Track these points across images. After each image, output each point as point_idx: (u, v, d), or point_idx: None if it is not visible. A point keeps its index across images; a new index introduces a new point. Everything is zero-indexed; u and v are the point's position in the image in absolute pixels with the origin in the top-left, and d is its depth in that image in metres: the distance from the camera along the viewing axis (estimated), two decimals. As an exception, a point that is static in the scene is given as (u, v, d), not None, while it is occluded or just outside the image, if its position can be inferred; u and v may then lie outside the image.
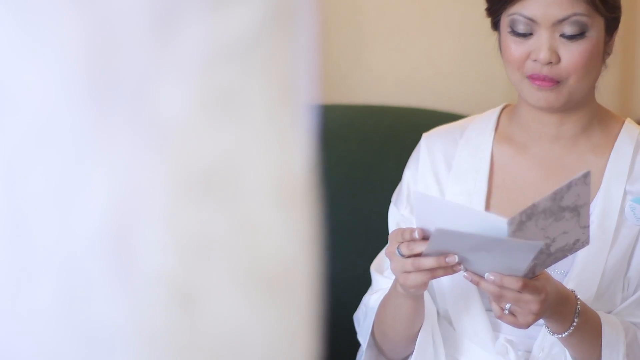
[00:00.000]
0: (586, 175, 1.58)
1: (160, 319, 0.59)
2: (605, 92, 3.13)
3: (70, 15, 0.59)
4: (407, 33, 3.01)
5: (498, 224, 1.54)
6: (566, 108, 1.86)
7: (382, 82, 3.04)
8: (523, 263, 1.58)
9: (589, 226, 1.63)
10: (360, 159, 2.68)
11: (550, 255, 1.63)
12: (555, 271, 1.82)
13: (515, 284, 1.62)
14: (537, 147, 1.92)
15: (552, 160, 1.88)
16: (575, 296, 1.74)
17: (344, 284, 2.59)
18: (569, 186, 1.57)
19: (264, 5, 0.59)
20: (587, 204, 1.61)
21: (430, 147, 1.97)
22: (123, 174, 0.59)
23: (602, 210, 1.85)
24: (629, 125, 1.94)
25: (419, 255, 1.64)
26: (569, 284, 1.81)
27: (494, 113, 2.00)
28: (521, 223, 1.54)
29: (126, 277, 0.59)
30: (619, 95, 3.18)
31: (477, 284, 1.65)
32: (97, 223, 0.59)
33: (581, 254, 1.82)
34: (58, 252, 0.60)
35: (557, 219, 1.58)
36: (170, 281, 0.59)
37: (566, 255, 1.66)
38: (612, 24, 1.84)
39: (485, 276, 1.62)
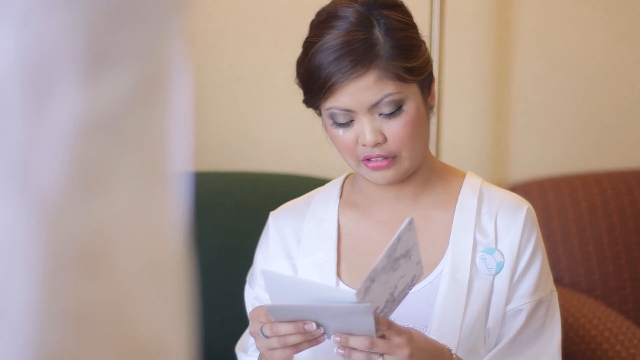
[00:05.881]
0: (410, 222, 1.60)
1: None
2: (480, 157, 3.21)
3: None
4: (282, 101, 3.04)
5: (347, 296, 1.56)
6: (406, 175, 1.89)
7: (258, 149, 3.06)
8: (370, 325, 1.60)
9: (421, 260, 1.66)
10: (236, 226, 2.68)
11: (395, 300, 1.66)
12: (415, 326, 1.84)
13: (367, 341, 1.64)
14: (381, 210, 1.96)
15: (397, 221, 1.91)
16: (450, 349, 1.77)
17: (219, 352, 2.57)
18: (398, 239, 1.59)
19: (134, 76, 0.60)
20: (416, 245, 1.64)
21: (279, 224, 2.01)
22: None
23: (453, 263, 1.88)
24: (470, 178, 1.98)
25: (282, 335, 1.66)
26: None
27: (337, 183, 2.04)
28: (367, 288, 1.56)
29: (1, 351, 0.58)
30: (494, 159, 3.25)
31: (348, 356, 1.66)
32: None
33: (438, 308, 1.86)
34: None
35: (394, 269, 1.61)
36: (47, 353, 0.58)
37: (407, 293, 1.70)
38: (425, 81, 1.86)
39: (351, 342, 1.64)
